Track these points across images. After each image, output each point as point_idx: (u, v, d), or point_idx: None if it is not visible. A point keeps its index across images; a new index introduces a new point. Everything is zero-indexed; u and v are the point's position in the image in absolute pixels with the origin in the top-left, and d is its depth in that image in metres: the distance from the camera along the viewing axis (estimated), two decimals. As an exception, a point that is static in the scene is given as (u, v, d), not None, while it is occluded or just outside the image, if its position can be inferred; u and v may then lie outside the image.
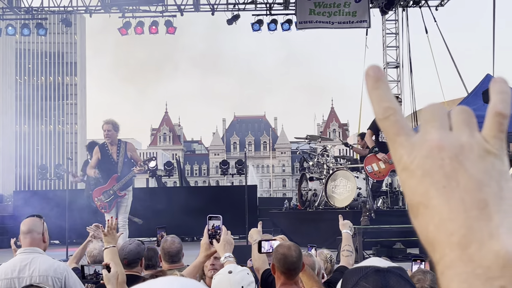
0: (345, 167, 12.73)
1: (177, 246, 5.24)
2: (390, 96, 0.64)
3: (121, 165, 10.01)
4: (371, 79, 0.64)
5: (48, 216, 11.09)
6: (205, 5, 18.94)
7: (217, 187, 39.63)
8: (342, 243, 5.14)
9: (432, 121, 0.63)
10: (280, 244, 3.83)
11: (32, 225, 4.54)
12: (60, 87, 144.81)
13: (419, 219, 0.61)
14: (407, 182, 0.62)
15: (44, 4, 18.90)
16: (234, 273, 3.17)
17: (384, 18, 20.39)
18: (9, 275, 4.32)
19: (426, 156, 0.61)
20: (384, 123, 0.64)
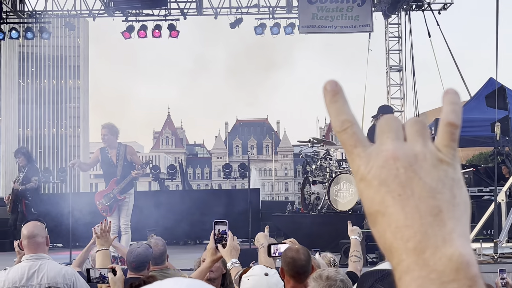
0: (348, 171, 12.73)
1: (160, 249, 5.27)
2: (347, 109, 0.67)
3: (121, 168, 10.03)
4: (329, 93, 0.67)
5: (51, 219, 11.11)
6: (208, 9, 18.99)
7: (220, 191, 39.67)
8: (351, 249, 5.16)
9: (387, 132, 0.65)
10: (289, 248, 3.83)
11: (36, 229, 4.53)
12: (63, 90, 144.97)
13: (377, 227, 0.64)
14: (364, 191, 0.64)
15: (47, 8, 18.95)
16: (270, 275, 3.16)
17: (387, 22, 20.42)
18: (17, 283, 4.29)
19: (382, 166, 0.63)
20: (342, 135, 0.66)
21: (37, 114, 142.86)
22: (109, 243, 4.38)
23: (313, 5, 17.77)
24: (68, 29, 19.01)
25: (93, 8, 18.80)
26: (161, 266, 5.27)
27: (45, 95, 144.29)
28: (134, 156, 10.25)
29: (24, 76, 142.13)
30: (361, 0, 17.78)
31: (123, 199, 10.17)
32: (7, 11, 18.72)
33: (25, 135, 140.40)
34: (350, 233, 5.32)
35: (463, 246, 0.60)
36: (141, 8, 18.02)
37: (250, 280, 3.17)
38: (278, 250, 4.27)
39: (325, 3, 17.73)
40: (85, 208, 14.77)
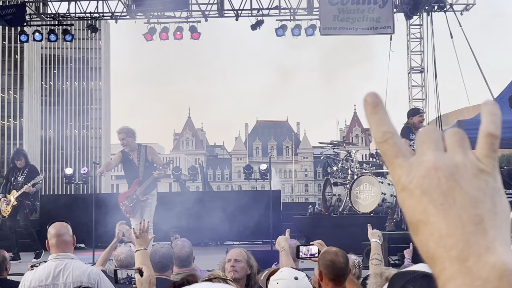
0: (370, 172, 12.70)
1: (187, 251, 5.26)
2: (387, 120, 0.68)
3: (143, 169, 10.11)
4: (370, 105, 0.69)
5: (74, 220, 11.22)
6: (229, 11, 19.02)
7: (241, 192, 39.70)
8: (371, 252, 5.15)
9: (427, 142, 0.67)
10: (327, 251, 3.81)
11: (63, 228, 4.58)
12: (85, 92, 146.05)
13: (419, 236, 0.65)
14: (406, 201, 0.66)
15: (70, 10, 19.12)
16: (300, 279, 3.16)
17: (409, 23, 20.32)
18: (43, 282, 4.35)
19: (424, 176, 0.65)
20: (383, 146, 0.68)
21: (59, 116, 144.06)
22: (148, 242, 4.42)
23: (334, 7, 17.72)
24: (90, 31, 19.16)
25: (115, 10, 18.93)
26: (188, 268, 5.29)
27: (67, 97, 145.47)
28: (154, 157, 10.32)
29: (46, 78, 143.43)
30: (383, 2, 17.69)
31: (146, 200, 10.24)
32: (31, 13, 18.92)
33: (47, 136, 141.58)
34: (370, 236, 5.31)
35: (506, 254, 0.61)
36: (163, 10, 18.11)
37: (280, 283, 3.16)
38: (309, 251, 4.26)
39: (346, 5, 17.67)
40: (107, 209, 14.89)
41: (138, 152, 10.14)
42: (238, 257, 4.91)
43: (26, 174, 11.87)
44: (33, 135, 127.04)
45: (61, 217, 4.76)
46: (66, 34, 19.10)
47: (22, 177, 11.79)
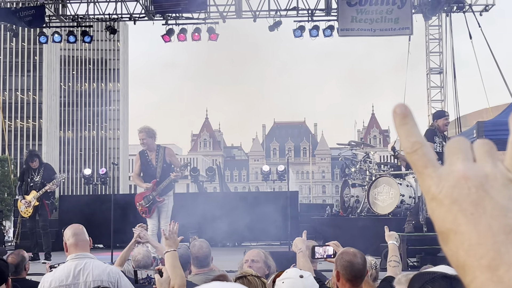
0: (388, 174, 12.65)
1: (205, 251, 5.27)
2: (416, 131, 0.69)
3: (160, 170, 10.16)
4: (399, 116, 0.69)
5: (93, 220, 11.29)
6: (247, 12, 19.04)
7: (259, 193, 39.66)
8: (389, 254, 5.13)
9: (457, 153, 0.67)
10: (345, 251, 3.81)
11: (79, 229, 4.63)
12: (103, 93, 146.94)
13: (449, 245, 0.65)
14: (436, 210, 0.66)
15: (89, 12, 19.25)
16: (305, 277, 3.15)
17: (427, 24, 20.22)
18: (64, 281, 4.38)
19: (453, 185, 0.65)
20: (413, 156, 0.68)
21: (77, 117, 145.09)
22: (177, 244, 4.44)
23: (353, 8, 17.66)
24: (109, 33, 19.27)
25: (133, 11, 19.03)
26: (207, 268, 5.30)
27: (85, 98, 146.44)
28: (173, 158, 10.36)
29: (65, 79, 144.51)
30: (401, 2, 17.60)
31: (162, 201, 10.28)
32: (50, 15, 19.06)
33: (66, 137, 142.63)
34: (387, 238, 5.29)
35: None
36: (181, 12, 18.16)
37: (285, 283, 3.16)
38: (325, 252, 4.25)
39: (365, 6, 17.60)
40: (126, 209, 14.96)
41: (156, 153, 10.19)
42: (255, 258, 4.94)
43: (43, 173, 11.92)
44: (52, 136, 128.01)
45: (80, 217, 4.82)
46: (85, 35, 19.22)
47: (38, 176, 11.83)
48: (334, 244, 4.36)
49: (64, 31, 19.61)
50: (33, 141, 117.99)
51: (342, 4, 17.77)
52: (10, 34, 19.64)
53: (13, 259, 6.10)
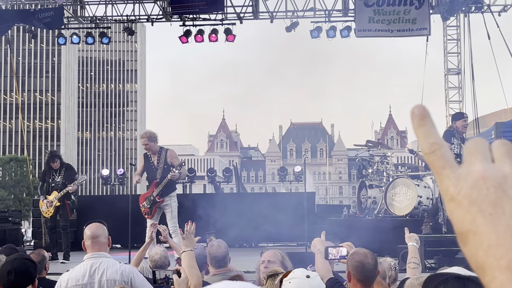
0: (406, 175, 12.59)
1: (224, 251, 5.27)
2: (435, 132, 0.70)
3: (161, 172, 10.32)
4: (417, 117, 0.70)
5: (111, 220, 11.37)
6: (264, 13, 19.05)
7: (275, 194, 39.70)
8: (409, 256, 5.12)
9: (475, 154, 0.68)
10: (356, 252, 3.81)
11: (99, 229, 4.64)
12: (121, 94, 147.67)
13: (468, 246, 0.66)
14: (455, 211, 0.67)
15: (107, 13, 19.35)
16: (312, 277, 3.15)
17: (445, 24, 20.11)
18: (80, 281, 4.41)
19: (472, 186, 0.66)
20: (431, 157, 0.69)
21: (95, 117, 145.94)
22: (194, 244, 4.45)
23: (370, 8, 17.60)
24: (127, 34, 19.36)
25: (151, 13, 19.11)
26: (224, 268, 5.30)
27: (103, 99, 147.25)
28: (174, 159, 10.46)
29: (83, 80, 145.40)
30: (419, 3, 17.50)
31: (162, 201, 10.41)
32: (69, 16, 19.20)
33: (83, 137, 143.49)
34: (407, 240, 5.27)
35: None
36: (199, 13, 18.21)
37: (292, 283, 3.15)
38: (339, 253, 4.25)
39: (382, 6, 17.54)
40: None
41: (158, 155, 10.42)
42: (271, 258, 4.94)
43: (64, 173, 12.04)
44: (70, 136, 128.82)
45: (97, 218, 4.82)
46: (103, 36, 19.33)
47: (60, 177, 11.96)
48: (347, 245, 4.35)
49: (82, 33, 19.73)
50: (51, 142, 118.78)
51: (359, 5, 17.72)
52: (29, 36, 19.81)
53: (34, 258, 6.17)
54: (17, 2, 19.39)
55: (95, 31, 19.62)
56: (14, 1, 19.32)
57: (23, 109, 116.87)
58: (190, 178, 19.30)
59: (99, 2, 19.27)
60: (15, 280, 3.75)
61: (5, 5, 19.06)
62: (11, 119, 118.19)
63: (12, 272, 3.75)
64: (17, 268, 3.78)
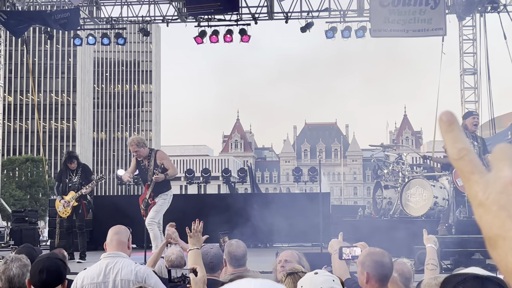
0: (421, 176, 12.53)
1: (243, 250, 5.29)
2: (463, 137, 0.71)
3: (151, 174, 10.31)
4: (445, 123, 0.70)
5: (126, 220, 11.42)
6: (279, 13, 19.05)
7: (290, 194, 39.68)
8: (427, 257, 5.10)
9: (503, 159, 0.68)
10: (372, 252, 3.78)
11: (121, 231, 4.68)
12: (136, 94, 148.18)
13: (497, 251, 0.66)
14: (483, 216, 0.67)
15: (123, 14, 19.44)
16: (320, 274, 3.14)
17: (461, 24, 20.00)
18: (95, 279, 4.45)
19: (501, 191, 0.66)
20: (459, 162, 0.69)
21: (110, 118, 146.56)
22: (201, 242, 4.47)
23: (385, 8, 17.54)
24: (142, 35, 19.43)
25: (166, 14, 19.17)
26: (243, 268, 5.31)
27: (118, 99, 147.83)
28: (164, 160, 10.47)
29: (98, 81, 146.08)
30: (434, 3, 17.42)
31: (154, 203, 10.47)
32: (84, 17, 19.32)
33: (99, 138, 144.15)
34: (425, 241, 5.25)
35: None
36: (214, 14, 18.24)
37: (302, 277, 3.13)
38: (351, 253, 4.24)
39: (397, 6, 17.47)
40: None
41: (149, 157, 10.47)
42: (288, 258, 4.96)
43: (81, 174, 12.18)
44: (86, 137, 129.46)
45: (113, 218, 4.87)
46: (118, 37, 19.42)
47: (77, 177, 12.11)
48: (361, 245, 4.33)
49: (98, 34, 19.84)
50: (67, 142, 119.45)
51: (374, 5, 17.67)
52: (45, 37, 19.93)
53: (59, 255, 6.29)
54: (34, 3, 19.53)
55: (111, 32, 19.70)
56: (31, 3, 19.47)
57: (39, 109, 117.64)
58: (205, 179, 19.34)
59: (114, 3, 19.37)
60: (47, 279, 3.79)
61: (22, 6, 19.20)
62: (27, 120, 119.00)
63: (44, 271, 3.78)
64: (49, 267, 3.82)
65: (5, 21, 17.61)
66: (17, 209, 22.84)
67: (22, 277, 4.54)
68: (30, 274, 3.87)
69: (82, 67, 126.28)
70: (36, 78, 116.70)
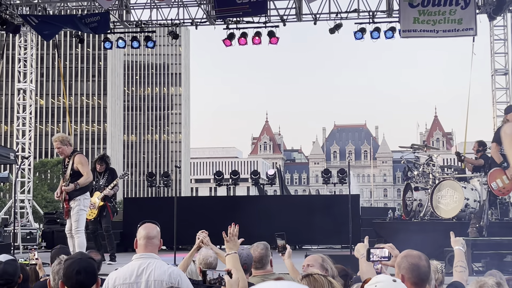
0: (452, 177, 12.41)
1: (260, 252, 5.29)
2: None
3: (69, 177, 10.34)
4: (509, 136, 0.70)
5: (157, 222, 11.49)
6: (307, 15, 18.99)
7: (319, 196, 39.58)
8: (455, 259, 5.06)
9: None
10: (409, 254, 3.73)
11: (155, 231, 4.70)
12: (165, 97, 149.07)
13: None
14: None
15: (152, 18, 19.56)
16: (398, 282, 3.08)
17: (492, 24, 19.75)
18: (127, 279, 4.47)
19: None
20: None
21: (140, 120, 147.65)
22: (237, 246, 4.48)
23: (415, 9, 17.39)
24: (172, 38, 19.53)
25: (195, 16, 19.25)
26: (262, 270, 5.31)
27: (148, 102, 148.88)
28: (79, 165, 10.32)
29: (128, 84, 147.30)
30: (465, 3, 17.22)
31: (68, 208, 10.41)
32: (114, 21, 19.48)
33: (129, 140, 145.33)
34: (453, 243, 5.20)
35: None
36: (242, 16, 18.24)
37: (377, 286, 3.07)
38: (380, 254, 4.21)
39: (427, 7, 17.31)
40: (188, 211, 15.15)
41: (70, 157, 10.44)
42: (310, 262, 5.00)
43: (107, 177, 12.42)
44: (116, 139, 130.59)
45: (143, 219, 4.87)
46: (148, 40, 19.55)
47: (103, 180, 12.37)
48: (389, 246, 4.29)
49: (128, 37, 20.00)
50: (98, 145, 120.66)
51: (404, 5, 17.53)
52: (75, 40, 20.15)
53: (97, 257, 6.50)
54: (64, 7, 19.77)
55: (140, 35, 19.85)
56: (62, 7, 19.71)
57: (70, 112, 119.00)
58: (234, 180, 19.38)
59: (144, 6, 19.51)
60: (84, 279, 3.82)
61: (53, 10, 19.46)
62: (59, 123, 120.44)
63: (81, 272, 3.81)
64: (86, 268, 3.84)
65: (35, 25, 17.85)
66: (49, 211, 23.14)
67: None
68: (64, 276, 3.86)
69: (112, 70, 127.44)
70: (68, 82, 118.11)
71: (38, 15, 18.36)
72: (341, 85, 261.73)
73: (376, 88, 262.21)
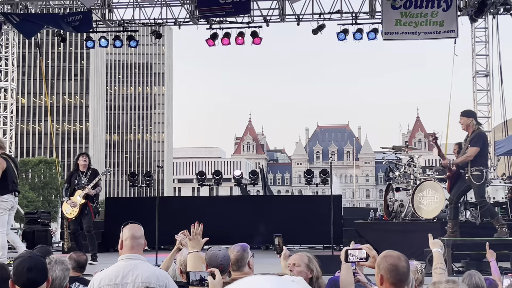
0: (433, 178, 12.50)
1: (236, 254, 5.23)
2: None
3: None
4: None
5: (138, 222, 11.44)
6: (290, 15, 19.02)
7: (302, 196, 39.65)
8: (434, 261, 5.08)
9: None
10: (389, 254, 3.74)
11: (140, 231, 4.67)
12: (148, 97, 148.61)
13: None
14: None
15: (135, 17, 19.50)
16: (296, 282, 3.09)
17: (474, 26, 19.92)
18: (112, 281, 4.43)
19: None
20: None
21: (123, 120, 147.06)
22: (200, 245, 4.46)
23: (397, 11, 17.46)
24: (154, 37, 19.47)
25: (178, 16, 19.20)
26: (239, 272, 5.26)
27: (131, 102, 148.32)
28: None
29: (111, 83, 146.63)
30: (446, 5, 17.32)
31: None
32: (97, 20, 19.38)
33: (111, 140, 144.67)
34: (431, 245, 5.22)
35: None
36: (225, 16, 18.23)
37: None
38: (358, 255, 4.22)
39: (409, 9, 17.38)
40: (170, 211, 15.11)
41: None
42: (296, 262, 4.98)
43: (89, 176, 12.35)
44: (98, 139, 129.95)
45: (125, 219, 4.84)
46: (131, 40, 19.47)
47: (85, 178, 12.29)
48: (367, 247, 4.30)
49: (111, 36, 19.90)
50: (80, 144, 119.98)
51: (386, 7, 17.60)
52: (58, 39, 20.03)
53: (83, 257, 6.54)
54: (46, 6, 19.66)
55: (123, 35, 19.76)
56: (44, 5, 19.59)
57: (52, 111, 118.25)
58: (216, 181, 19.37)
59: (127, 5, 19.43)
60: (35, 277, 3.76)
61: (35, 9, 19.33)
62: (41, 122, 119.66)
63: (32, 269, 3.73)
64: (37, 265, 3.76)
65: (17, 23, 17.71)
66: (29, 211, 22.96)
67: (63, 281, 4.57)
68: (14, 275, 3.77)
69: (94, 70, 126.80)
70: (49, 81, 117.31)
71: (19, 14, 18.22)
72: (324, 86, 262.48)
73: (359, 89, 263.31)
